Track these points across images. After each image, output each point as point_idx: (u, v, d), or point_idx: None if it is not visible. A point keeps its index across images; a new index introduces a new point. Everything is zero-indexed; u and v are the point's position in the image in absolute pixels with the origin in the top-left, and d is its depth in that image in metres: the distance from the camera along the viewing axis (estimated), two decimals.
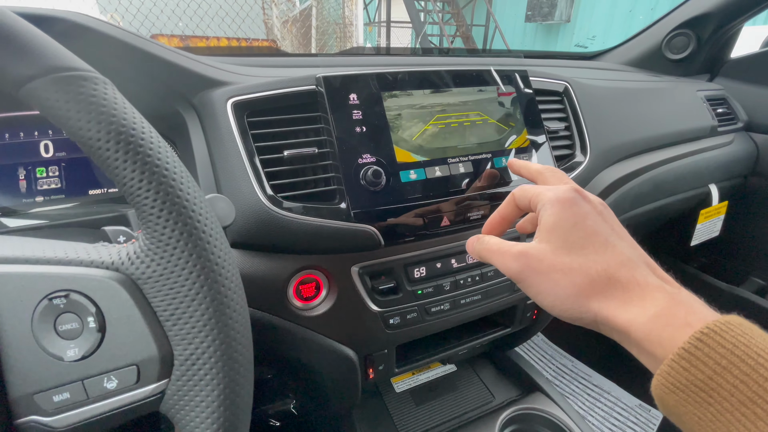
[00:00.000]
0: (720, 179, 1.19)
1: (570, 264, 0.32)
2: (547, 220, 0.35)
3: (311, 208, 0.54)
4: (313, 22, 6.15)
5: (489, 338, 0.80)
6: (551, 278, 0.33)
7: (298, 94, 0.58)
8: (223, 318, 0.29)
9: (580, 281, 0.31)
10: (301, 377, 0.72)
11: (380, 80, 0.60)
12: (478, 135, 0.66)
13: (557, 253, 0.33)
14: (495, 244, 0.38)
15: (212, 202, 0.42)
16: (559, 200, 0.35)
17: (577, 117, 0.79)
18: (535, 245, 0.35)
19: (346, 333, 0.61)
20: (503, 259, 0.36)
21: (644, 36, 1.36)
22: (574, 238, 0.33)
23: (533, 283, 0.34)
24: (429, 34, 7.40)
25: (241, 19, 4.35)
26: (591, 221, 0.34)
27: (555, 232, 0.34)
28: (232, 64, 0.66)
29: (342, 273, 0.59)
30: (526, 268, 0.34)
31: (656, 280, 0.31)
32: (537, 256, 0.34)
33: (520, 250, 0.35)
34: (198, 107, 0.57)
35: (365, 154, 0.57)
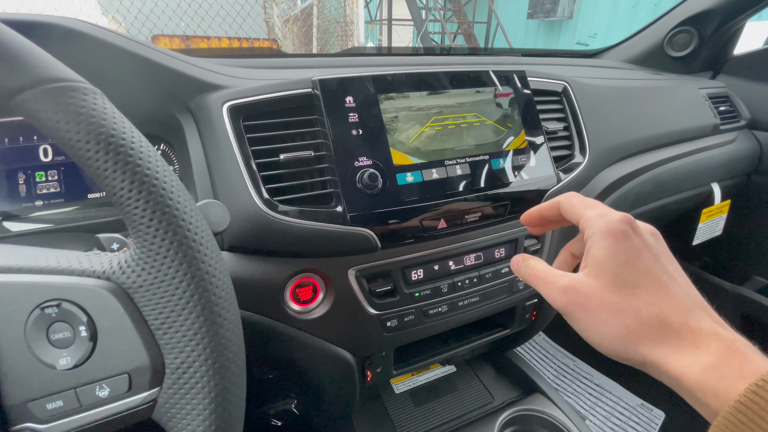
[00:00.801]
0: (722, 178, 1.18)
1: (620, 304, 0.31)
2: (596, 253, 0.33)
3: (307, 211, 0.54)
4: (314, 20, 6.15)
5: (488, 339, 0.80)
6: (599, 317, 0.31)
7: (295, 97, 0.58)
8: (213, 326, 0.29)
9: (630, 323, 0.30)
10: (300, 379, 0.72)
11: (376, 82, 0.60)
12: (475, 137, 0.66)
13: (606, 290, 0.32)
14: (541, 272, 0.37)
15: (206, 207, 0.42)
16: (611, 233, 0.33)
17: (576, 117, 0.78)
18: (583, 279, 0.33)
19: (344, 336, 0.61)
20: (549, 289, 0.35)
21: (646, 33, 1.35)
22: (625, 276, 0.32)
23: (580, 318, 0.33)
24: (431, 32, 7.38)
25: (242, 18, 4.35)
26: (644, 259, 0.32)
27: (605, 267, 0.32)
28: (229, 66, 0.66)
29: (339, 276, 0.58)
30: (572, 303, 0.33)
31: (710, 325, 0.29)
32: (585, 292, 0.32)
33: (568, 284, 0.34)
34: (194, 111, 0.57)
35: (362, 157, 0.57)
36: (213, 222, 0.42)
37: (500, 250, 0.71)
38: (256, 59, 0.78)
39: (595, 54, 1.40)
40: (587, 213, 0.36)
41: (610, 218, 0.34)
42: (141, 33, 4.34)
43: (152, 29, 4.19)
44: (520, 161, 0.68)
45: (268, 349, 0.58)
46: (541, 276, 0.37)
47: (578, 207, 0.38)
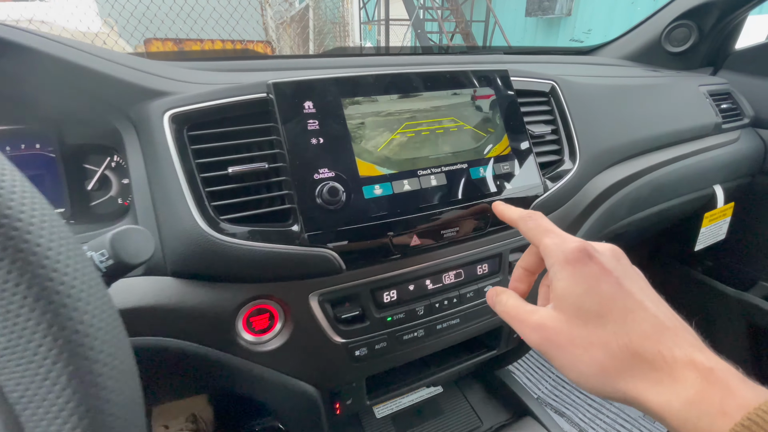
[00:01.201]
0: (725, 179, 1.12)
1: (588, 338, 0.30)
2: (558, 285, 0.33)
3: (258, 231, 0.48)
4: (310, 23, 6.10)
5: (473, 362, 0.74)
6: (572, 353, 0.31)
7: (247, 103, 0.52)
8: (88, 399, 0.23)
9: (602, 358, 0.29)
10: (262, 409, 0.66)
11: (340, 85, 0.54)
12: (452, 143, 0.60)
13: (573, 324, 0.31)
14: (513, 308, 0.36)
15: (120, 236, 0.36)
16: (568, 262, 0.33)
17: (566, 119, 0.72)
18: (552, 314, 0.33)
19: (306, 368, 0.56)
20: (521, 328, 0.35)
21: (643, 28, 1.29)
22: (588, 306, 0.31)
23: (555, 356, 0.32)
24: (428, 31, 7.32)
25: (235, 20, 4.29)
26: (605, 285, 0.31)
27: (567, 299, 0.32)
28: (183, 68, 0.60)
29: (299, 302, 0.53)
30: (545, 341, 0.32)
31: (685, 351, 0.28)
32: (554, 328, 0.32)
33: (538, 322, 0.33)
34: (135, 121, 0.52)
35: (322, 169, 0.51)
36: (130, 253, 0.36)
37: (483, 266, 0.65)
38: (219, 62, 0.72)
39: (589, 51, 1.34)
40: (544, 240, 0.36)
41: (565, 246, 0.34)
42: (134, 37, 4.30)
43: (156, 32, 4.14)
44: (503, 169, 0.62)
45: (218, 383, 0.52)
46: (513, 313, 0.36)
47: (534, 232, 0.38)
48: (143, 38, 4.16)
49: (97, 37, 3.73)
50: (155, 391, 0.57)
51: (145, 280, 0.49)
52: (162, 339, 0.50)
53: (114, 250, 0.36)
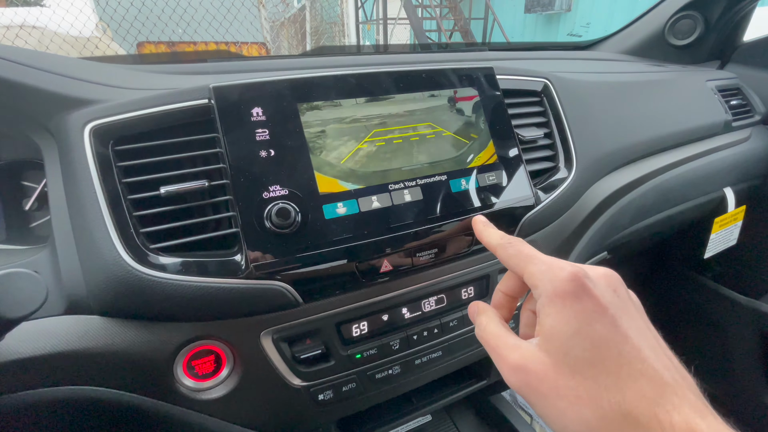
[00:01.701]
0: (736, 181, 1.04)
1: (576, 390, 0.26)
2: (545, 321, 0.28)
3: (192, 263, 0.41)
4: (307, 23, 6.03)
5: (462, 394, 0.66)
6: (555, 406, 0.27)
7: (186, 111, 0.45)
8: None
9: (590, 417, 0.25)
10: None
11: (295, 88, 0.47)
12: (429, 152, 0.52)
13: (560, 371, 0.27)
14: (493, 337, 0.32)
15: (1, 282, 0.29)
16: (557, 295, 0.28)
17: (560, 121, 0.64)
18: (536, 355, 0.28)
19: (259, 417, 0.48)
20: (500, 365, 0.30)
21: (645, 20, 1.21)
22: (578, 352, 0.27)
23: (535, 404, 0.28)
24: (427, 29, 7.24)
25: (229, 22, 4.23)
26: (599, 326, 0.27)
27: (554, 340, 0.28)
28: (122, 72, 0.53)
29: (248, 342, 0.45)
30: (525, 386, 0.28)
31: (685, 417, 0.24)
32: (537, 373, 0.27)
33: (519, 363, 0.29)
34: (55, 134, 0.44)
35: (273, 186, 0.44)
36: (9, 304, 0.29)
37: (468, 290, 0.58)
38: (191, 65, 0.65)
39: (588, 46, 1.26)
40: (529, 268, 0.31)
41: (555, 276, 0.29)
42: (126, 41, 4.24)
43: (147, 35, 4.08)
44: (488, 180, 0.54)
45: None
46: (493, 344, 0.31)
47: (516, 261, 0.33)
48: (135, 42, 4.10)
49: (89, 41, 3.68)
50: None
51: (67, 320, 0.42)
52: (88, 388, 0.43)
53: None
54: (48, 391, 0.42)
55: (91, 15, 4.15)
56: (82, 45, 3.42)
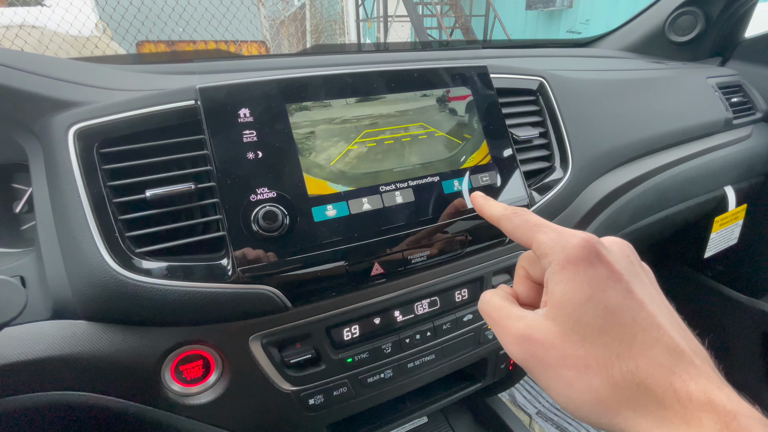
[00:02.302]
0: (737, 180, 1.02)
1: (585, 359, 0.24)
2: (555, 289, 0.27)
3: (178, 268, 0.40)
4: (307, 24, 6.02)
5: (457, 396, 0.66)
6: (562, 376, 0.25)
7: (172, 113, 0.44)
8: None
9: (599, 385, 0.24)
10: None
11: (283, 89, 0.46)
12: (421, 153, 0.51)
13: (568, 339, 0.25)
14: (495, 309, 0.30)
15: None
16: (569, 261, 0.26)
17: (556, 120, 0.63)
18: (542, 324, 0.27)
19: (249, 422, 0.48)
20: (503, 336, 0.29)
21: (645, 17, 1.19)
22: (589, 319, 0.25)
23: (540, 377, 0.26)
24: (427, 27, 7.21)
25: (228, 21, 4.22)
26: (613, 293, 0.25)
27: (564, 308, 0.26)
28: (112, 72, 0.53)
29: (237, 347, 0.45)
30: (530, 357, 0.27)
31: (702, 387, 0.22)
32: (543, 343, 0.26)
33: (523, 333, 0.27)
34: (40, 137, 0.44)
35: (260, 188, 0.43)
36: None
37: (462, 292, 0.57)
38: (184, 65, 0.64)
39: (587, 43, 1.25)
40: (538, 237, 0.29)
41: (567, 242, 0.27)
42: (125, 40, 4.23)
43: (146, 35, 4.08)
44: (482, 181, 0.53)
45: None
46: (496, 316, 0.30)
47: (523, 230, 0.31)
48: (135, 41, 4.10)
49: (89, 41, 3.67)
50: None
51: (52, 325, 0.41)
52: (75, 394, 0.42)
53: None
54: (34, 396, 0.41)
55: (91, 14, 4.14)
56: (82, 44, 3.42)
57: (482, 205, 0.37)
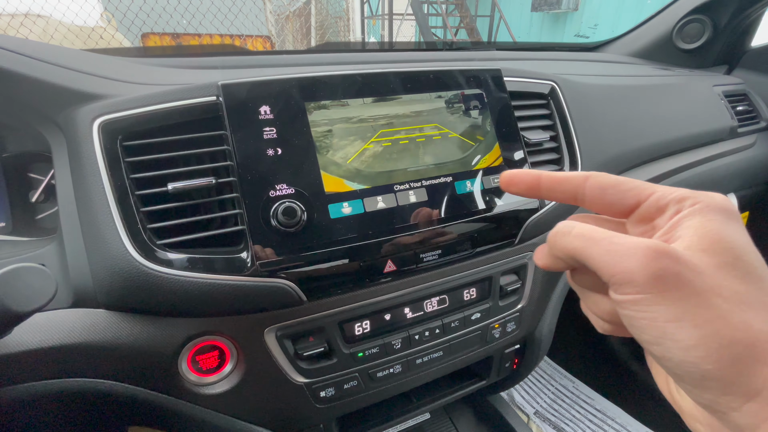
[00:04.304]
0: (740, 187, 1.04)
1: (746, 296, 0.21)
2: (708, 225, 0.22)
3: (199, 260, 0.41)
4: (312, 20, 6.01)
5: (461, 393, 0.67)
6: (714, 305, 0.20)
7: (194, 108, 0.45)
8: None
9: (761, 327, 0.20)
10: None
11: (303, 87, 0.47)
12: (435, 154, 0.52)
13: (725, 271, 0.21)
14: (599, 231, 0.24)
15: (7, 279, 0.29)
16: (721, 208, 0.23)
17: (566, 124, 0.64)
18: (688, 251, 0.22)
19: (261, 412, 0.49)
20: (621, 252, 0.22)
21: (653, 23, 1.20)
22: (754, 259, 0.22)
23: (675, 302, 0.21)
24: (432, 26, 7.20)
25: (234, 15, 4.21)
26: (756, 249, 0.22)
27: (722, 243, 0.22)
28: (132, 66, 0.53)
29: (252, 339, 0.46)
30: (669, 275, 0.21)
31: None
32: (695, 266, 0.21)
33: (662, 247, 0.21)
34: (64, 129, 0.45)
35: (280, 185, 0.44)
36: (19, 298, 0.29)
37: (470, 291, 0.58)
38: (196, 59, 0.65)
39: (595, 48, 1.25)
40: (662, 188, 0.25)
41: (712, 194, 0.24)
42: (131, 31, 4.23)
43: (152, 27, 4.07)
44: (493, 183, 0.54)
45: (160, 427, 0.45)
46: (600, 236, 0.23)
47: (633, 183, 0.26)
48: (140, 32, 4.09)
49: (94, 31, 3.67)
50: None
51: (73, 313, 0.42)
52: (93, 381, 0.43)
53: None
54: (54, 382, 0.42)
55: (96, 5, 4.13)
56: (87, 35, 3.41)
57: (537, 177, 0.29)
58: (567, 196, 0.28)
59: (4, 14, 3.16)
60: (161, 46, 3.37)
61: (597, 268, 0.23)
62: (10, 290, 0.29)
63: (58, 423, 0.47)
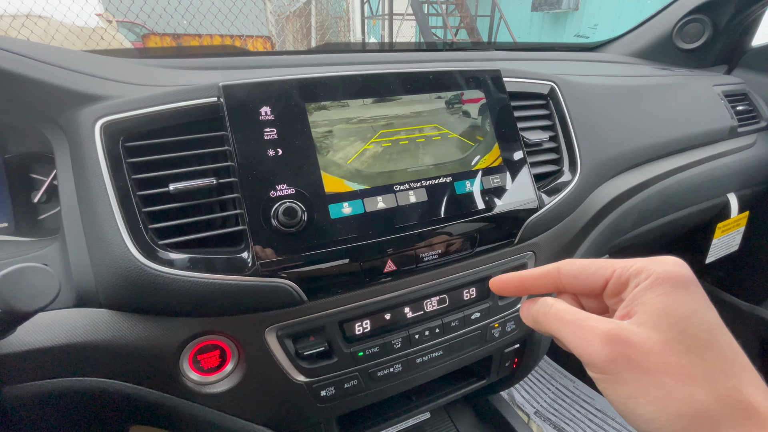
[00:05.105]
0: (740, 187, 1.04)
1: (689, 369, 0.23)
2: (657, 301, 0.25)
3: (200, 260, 0.42)
4: (312, 20, 6.01)
5: (461, 393, 0.67)
6: (660, 383, 0.24)
7: (195, 109, 0.46)
8: None
9: (704, 398, 0.23)
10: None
11: (303, 88, 0.47)
12: (434, 154, 0.53)
13: (671, 347, 0.24)
14: (570, 313, 0.28)
15: (11, 278, 0.29)
16: (671, 277, 0.26)
17: (566, 124, 0.65)
18: (637, 330, 0.25)
19: (263, 411, 0.49)
20: (584, 336, 0.26)
21: (653, 23, 1.20)
22: (696, 331, 0.24)
23: (629, 381, 0.24)
24: (432, 26, 7.20)
25: (234, 15, 4.22)
26: (711, 313, 0.25)
27: (669, 318, 0.25)
28: (133, 67, 0.54)
29: (253, 338, 0.46)
30: (622, 358, 0.24)
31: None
32: (642, 347, 0.24)
33: (617, 333, 0.25)
34: (66, 130, 0.45)
35: (280, 185, 0.44)
36: (23, 298, 0.30)
37: (470, 291, 0.58)
38: (196, 60, 0.65)
39: (595, 48, 1.25)
40: (622, 263, 0.28)
41: (664, 261, 0.27)
42: (131, 32, 4.24)
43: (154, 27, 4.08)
44: (493, 183, 0.55)
45: (161, 426, 0.46)
46: (570, 318, 0.28)
47: (597, 264, 0.29)
48: (141, 33, 4.10)
49: (95, 32, 3.67)
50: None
51: (75, 313, 0.43)
52: (95, 380, 0.44)
53: (1, 296, 0.29)
54: (56, 381, 0.42)
55: (97, 5, 4.14)
56: (88, 36, 3.42)
57: (521, 279, 0.33)
58: (551, 289, 0.32)
59: (6, 15, 3.17)
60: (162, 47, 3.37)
61: (569, 349, 0.27)
62: (13, 290, 0.29)
63: (61, 422, 0.47)
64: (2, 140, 0.52)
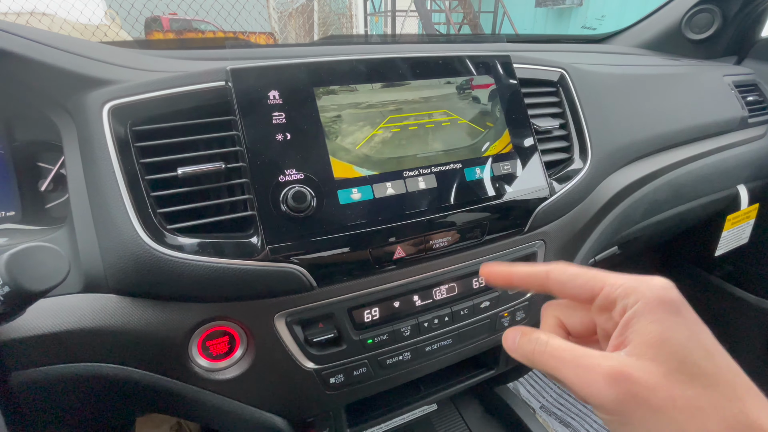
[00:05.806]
0: (750, 179, 1.03)
1: (696, 401, 0.23)
2: (648, 329, 0.24)
3: (209, 244, 0.41)
4: (315, 16, 6.00)
5: (469, 383, 0.67)
6: (673, 420, 0.23)
7: (204, 93, 0.45)
8: None
9: (716, 428, 0.22)
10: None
11: (312, 72, 0.47)
12: (444, 140, 0.52)
13: (674, 379, 0.23)
14: (568, 350, 0.26)
15: (19, 257, 0.29)
16: (662, 301, 0.25)
17: (576, 112, 0.64)
18: (636, 363, 0.24)
19: (271, 398, 0.49)
20: (587, 378, 0.25)
21: (661, 14, 1.19)
22: (696, 359, 0.23)
23: (641, 421, 0.23)
24: (435, 22, 7.18)
25: (237, 11, 4.22)
26: (705, 336, 0.24)
27: (666, 347, 0.24)
28: (137, 55, 0.53)
29: (262, 324, 0.46)
30: (629, 398, 0.23)
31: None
32: (646, 383, 0.23)
33: (617, 370, 0.24)
34: (73, 114, 0.45)
35: (289, 170, 0.44)
36: (32, 277, 0.29)
37: (479, 279, 0.58)
38: (199, 51, 0.65)
39: (603, 39, 1.24)
40: (610, 279, 0.27)
41: (653, 284, 0.26)
42: (135, 29, 4.24)
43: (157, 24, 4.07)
44: (503, 169, 0.54)
45: (170, 412, 0.45)
46: (568, 357, 0.26)
47: (586, 276, 0.28)
48: (144, 30, 4.10)
49: (98, 29, 3.68)
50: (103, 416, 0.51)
51: (84, 298, 0.42)
52: (104, 365, 0.43)
53: (11, 275, 0.29)
54: (65, 367, 0.42)
55: (101, 2, 4.14)
56: (92, 32, 3.43)
57: (509, 272, 0.32)
58: (536, 289, 0.31)
59: (10, 13, 3.18)
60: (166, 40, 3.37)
61: (570, 390, 0.26)
62: (23, 268, 0.29)
63: (68, 408, 0.47)
64: (9, 128, 0.52)
